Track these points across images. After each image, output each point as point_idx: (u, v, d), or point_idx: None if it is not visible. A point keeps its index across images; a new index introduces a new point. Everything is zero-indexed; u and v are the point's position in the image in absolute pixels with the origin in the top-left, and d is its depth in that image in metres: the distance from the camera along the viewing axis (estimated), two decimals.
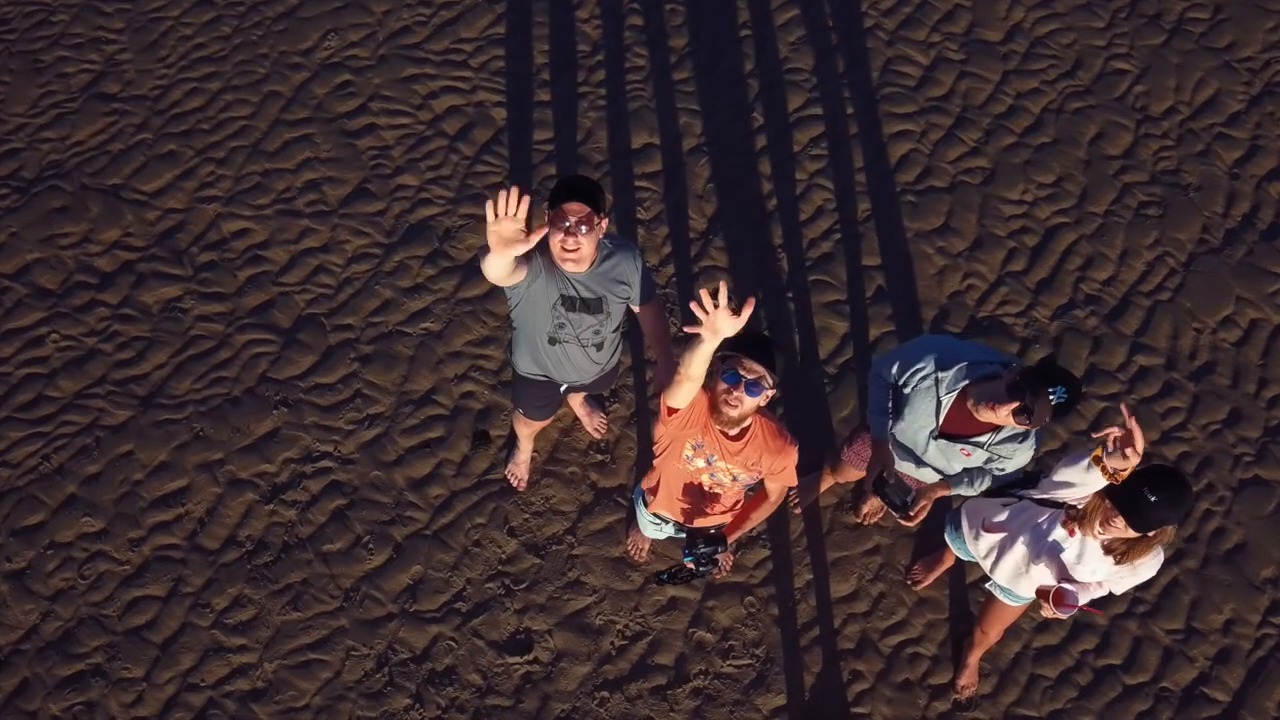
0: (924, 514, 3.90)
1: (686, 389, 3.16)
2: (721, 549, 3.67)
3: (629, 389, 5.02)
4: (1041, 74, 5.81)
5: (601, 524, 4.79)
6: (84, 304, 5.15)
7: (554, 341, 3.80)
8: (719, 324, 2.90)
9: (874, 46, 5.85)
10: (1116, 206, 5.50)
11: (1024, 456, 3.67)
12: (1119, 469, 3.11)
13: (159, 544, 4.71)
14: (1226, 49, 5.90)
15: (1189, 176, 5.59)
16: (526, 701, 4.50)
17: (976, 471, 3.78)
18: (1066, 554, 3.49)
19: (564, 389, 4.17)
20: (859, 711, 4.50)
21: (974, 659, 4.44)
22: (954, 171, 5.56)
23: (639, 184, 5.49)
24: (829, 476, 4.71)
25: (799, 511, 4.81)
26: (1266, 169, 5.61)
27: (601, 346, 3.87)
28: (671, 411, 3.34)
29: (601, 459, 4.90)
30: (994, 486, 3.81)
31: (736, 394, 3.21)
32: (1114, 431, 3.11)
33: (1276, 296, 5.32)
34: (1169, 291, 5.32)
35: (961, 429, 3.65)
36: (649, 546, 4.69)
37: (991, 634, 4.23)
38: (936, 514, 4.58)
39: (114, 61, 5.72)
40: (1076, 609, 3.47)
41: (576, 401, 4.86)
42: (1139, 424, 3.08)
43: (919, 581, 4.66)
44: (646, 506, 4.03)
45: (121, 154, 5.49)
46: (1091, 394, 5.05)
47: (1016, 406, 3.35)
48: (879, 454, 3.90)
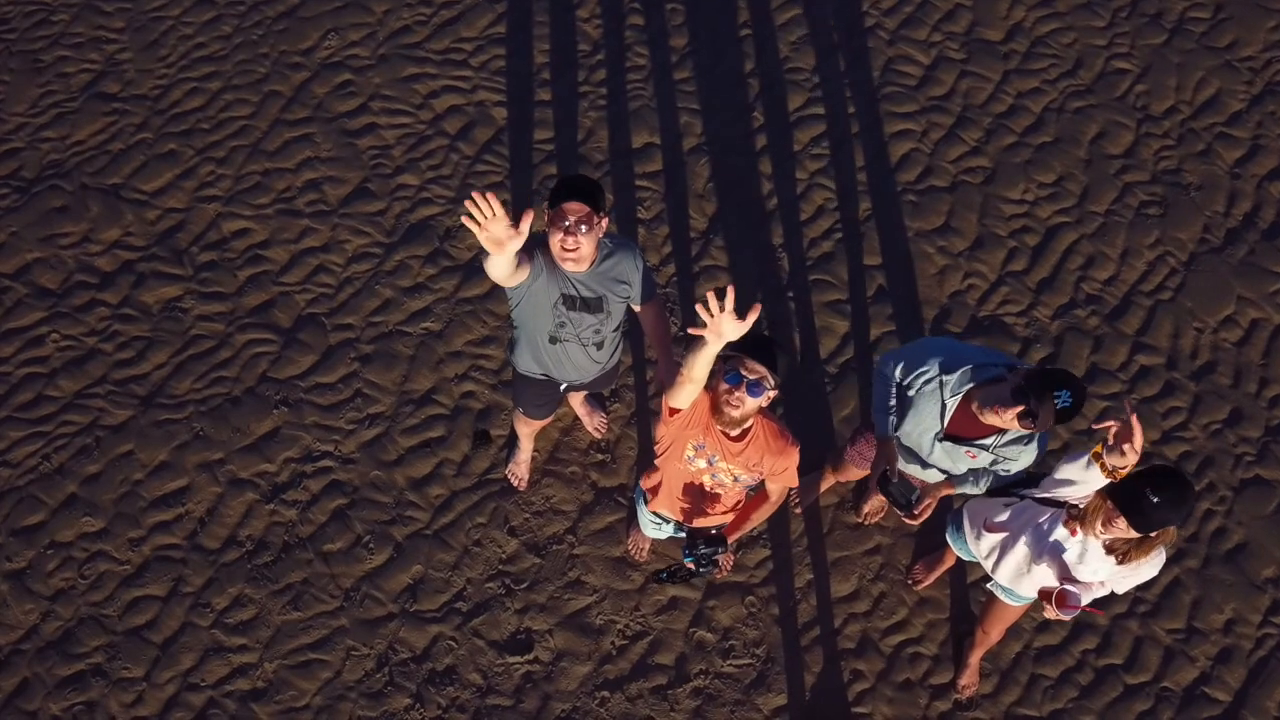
0: (928, 512, 3.90)
1: (688, 390, 3.16)
2: (722, 549, 3.67)
3: (629, 388, 5.02)
4: (1042, 73, 5.80)
5: (602, 523, 4.78)
6: (84, 303, 5.15)
7: (554, 341, 3.80)
8: (723, 327, 2.91)
9: (875, 46, 5.84)
10: (1117, 206, 5.50)
11: (1029, 458, 3.66)
12: (1118, 466, 3.11)
13: (159, 544, 4.71)
14: (1228, 48, 5.90)
15: (1190, 176, 5.58)
16: (527, 701, 4.49)
17: (981, 472, 3.78)
18: (1068, 554, 3.48)
19: (564, 388, 4.16)
20: (860, 711, 4.50)
21: (975, 659, 4.44)
22: (955, 171, 5.55)
23: (639, 183, 5.48)
24: (831, 476, 4.71)
25: (799, 511, 4.81)
26: (1268, 168, 5.60)
27: (602, 346, 3.87)
28: (673, 412, 3.34)
29: (602, 458, 4.90)
30: (997, 486, 3.81)
31: (738, 395, 3.21)
32: (1113, 425, 3.10)
33: (1278, 296, 5.32)
34: (1170, 291, 5.32)
35: (966, 431, 3.64)
36: (649, 546, 4.69)
37: (993, 634, 4.22)
38: (937, 513, 4.57)
39: (114, 61, 5.71)
40: (1079, 610, 3.47)
41: (577, 401, 4.86)
42: (1140, 422, 3.06)
43: (920, 581, 4.66)
44: (647, 506, 4.02)
45: (122, 153, 5.49)
46: (1093, 394, 5.04)
47: (1022, 410, 3.35)
48: (883, 452, 3.90)
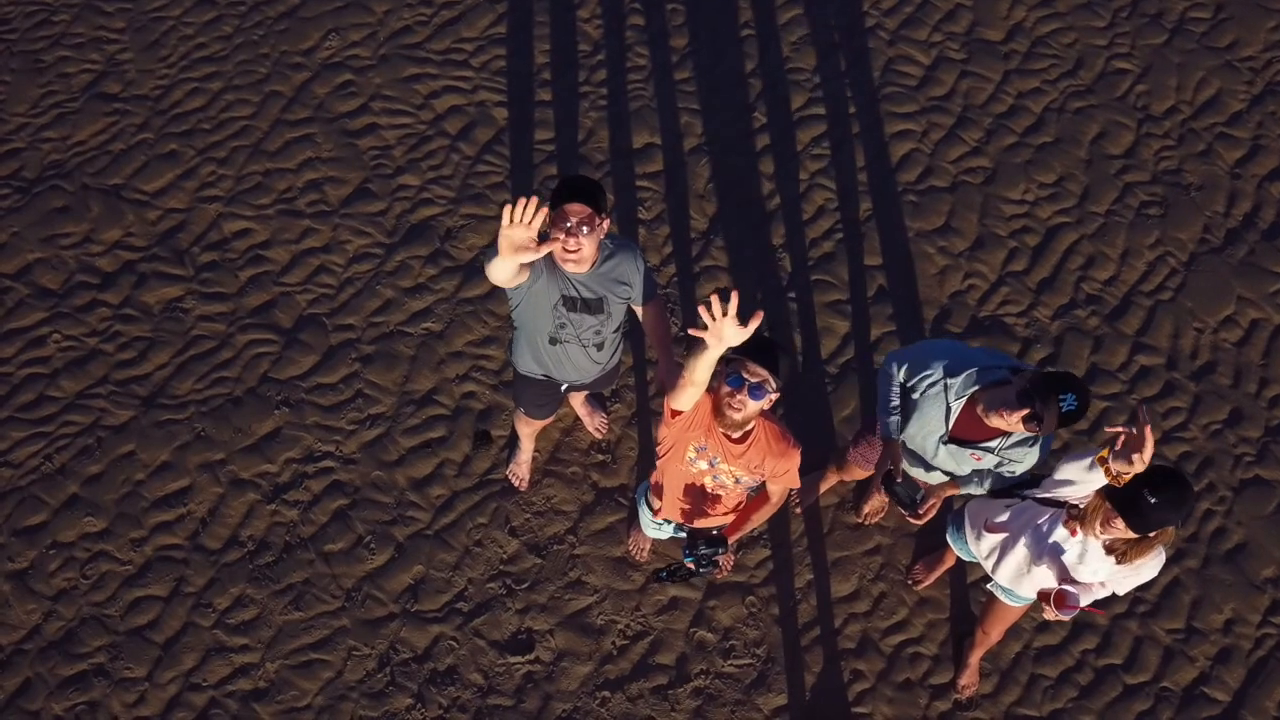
0: (933, 512, 3.91)
1: (690, 393, 3.17)
2: (722, 550, 3.68)
3: (630, 389, 5.03)
4: (1043, 73, 5.80)
5: (603, 524, 4.79)
6: (85, 304, 5.16)
7: (555, 341, 3.80)
8: (725, 332, 2.91)
9: (875, 46, 5.85)
10: (1118, 206, 5.50)
11: (1032, 460, 3.67)
12: (1123, 472, 3.11)
13: (161, 544, 4.72)
14: (1228, 48, 5.90)
15: (1190, 176, 5.59)
16: (528, 701, 4.50)
17: (985, 473, 3.78)
18: (1068, 555, 3.49)
19: (565, 388, 4.17)
20: (860, 711, 4.51)
21: (975, 659, 4.45)
22: (955, 171, 5.56)
23: (640, 184, 5.49)
24: (834, 475, 4.71)
25: (800, 511, 4.82)
26: (1268, 168, 5.61)
27: (602, 346, 3.87)
28: (675, 414, 3.34)
29: (603, 459, 4.91)
30: (1000, 487, 3.81)
31: (740, 397, 3.21)
32: (1124, 432, 3.10)
33: (1278, 296, 5.32)
34: (1170, 291, 5.32)
35: (971, 434, 3.65)
36: (650, 546, 4.69)
37: (993, 634, 4.23)
38: (938, 514, 4.58)
39: (115, 61, 5.71)
40: (1078, 610, 3.47)
41: (578, 401, 4.86)
42: (1153, 432, 3.06)
43: (920, 581, 4.67)
44: (649, 507, 4.03)
45: (123, 154, 5.49)
46: (1093, 394, 5.05)
47: (1027, 413, 3.36)
48: (888, 452, 3.90)
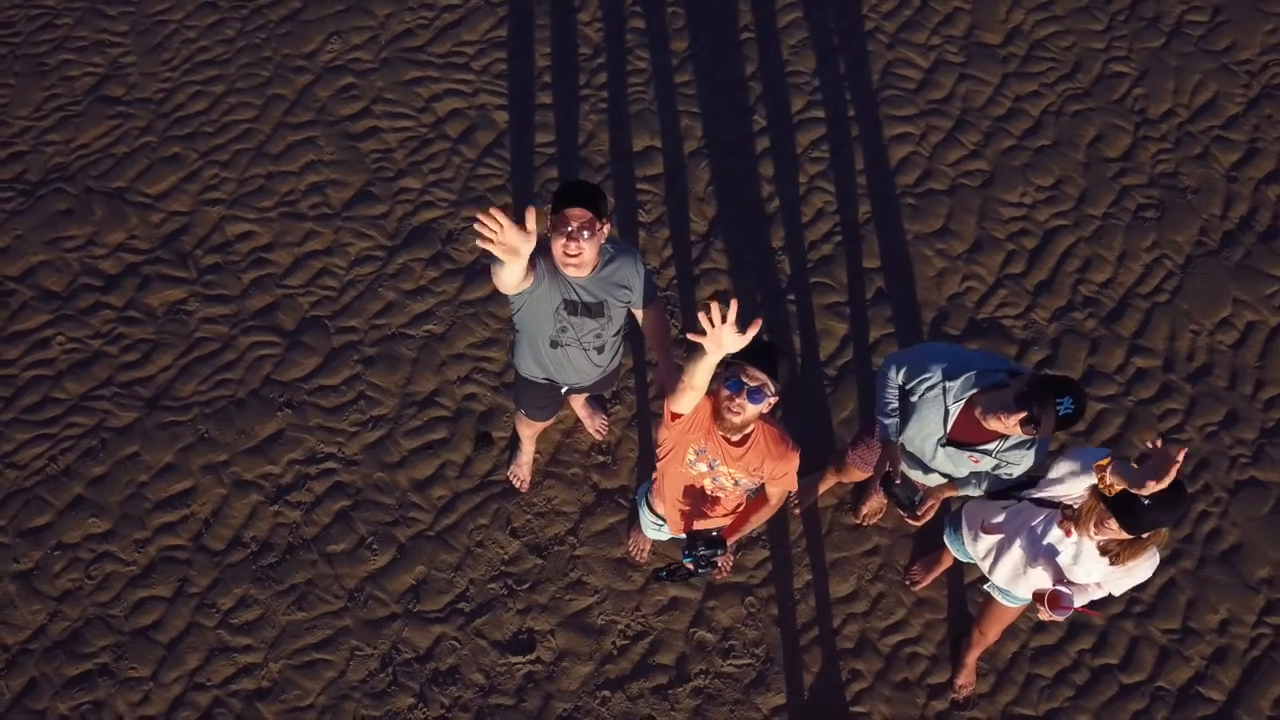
0: (931, 513, 3.95)
1: (689, 397, 3.21)
2: (720, 552, 3.71)
3: (630, 390, 5.06)
4: (1041, 77, 5.84)
5: (603, 525, 4.83)
6: (89, 306, 5.19)
7: (556, 345, 3.84)
8: (723, 339, 2.95)
9: (874, 49, 5.88)
10: (1115, 209, 5.54)
11: (1030, 462, 3.71)
12: (1115, 485, 3.15)
13: (165, 545, 4.75)
14: (1225, 51, 5.93)
15: (1187, 179, 5.62)
16: (529, 700, 4.54)
17: (983, 475, 3.82)
18: (1062, 556, 3.53)
19: (565, 390, 4.20)
20: (858, 710, 4.54)
21: (972, 659, 4.49)
22: (953, 174, 5.59)
23: (640, 186, 5.52)
24: (832, 477, 4.75)
25: (799, 512, 4.85)
26: (1264, 171, 5.64)
27: (603, 350, 3.91)
28: (675, 417, 3.38)
29: (603, 460, 4.94)
30: (997, 489, 3.85)
31: (739, 401, 3.25)
32: (1158, 452, 3.11)
33: (1274, 298, 5.36)
34: (1167, 293, 5.36)
35: (969, 437, 3.68)
36: (650, 547, 4.73)
37: (990, 634, 4.27)
38: (936, 515, 4.62)
39: (118, 65, 5.74)
40: (1072, 611, 3.51)
41: (578, 403, 4.90)
42: (1176, 468, 3.07)
43: (917, 582, 4.71)
44: (650, 508, 4.07)
45: (126, 157, 5.52)
46: (1090, 395, 5.08)
47: (1025, 417, 3.39)
48: (886, 454, 3.94)
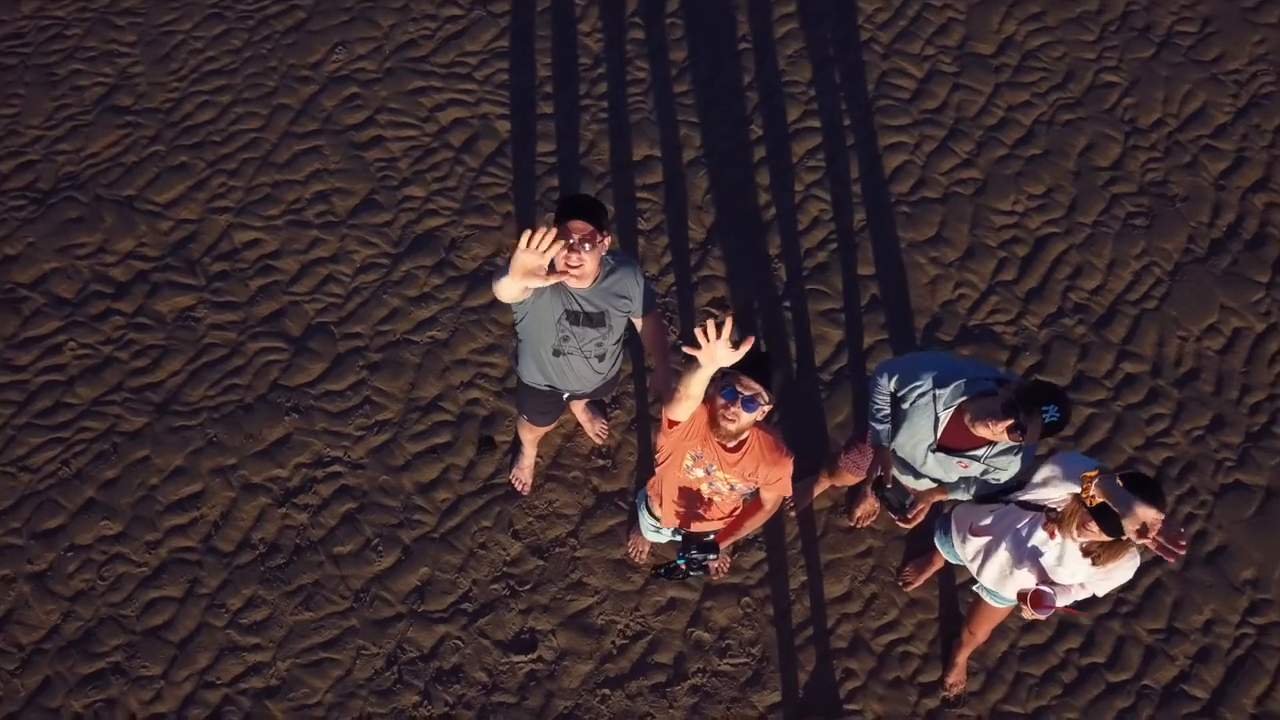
0: (921, 516, 4.06)
1: (686, 405, 3.33)
2: (713, 556, 3.84)
3: (630, 395, 5.17)
4: (1033, 86, 5.94)
5: (603, 527, 4.94)
6: (100, 313, 5.30)
7: (558, 353, 3.95)
8: (717, 354, 3.09)
9: (870, 59, 5.99)
10: (1105, 217, 5.65)
11: (1017, 468, 3.82)
12: (1097, 498, 3.28)
13: (175, 546, 4.87)
14: (1214, 62, 6.04)
15: (1176, 187, 5.73)
16: (531, 698, 4.66)
17: (972, 480, 3.93)
18: (1046, 557, 3.64)
19: (567, 397, 4.32)
20: (851, 708, 4.66)
21: (962, 658, 4.60)
22: (947, 183, 5.70)
23: (640, 195, 5.63)
24: (826, 480, 4.86)
25: (794, 515, 4.97)
26: (1251, 180, 5.75)
27: (603, 357, 4.02)
28: (672, 424, 3.50)
29: (603, 464, 5.05)
30: (986, 494, 3.96)
31: (734, 409, 3.37)
32: (1156, 524, 3.24)
33: (1259, 305, 5.47)
34: (1155, 300, 5.47)
35: (958, 443, 3.80)
36: (649, 549, 4.84)
37: (979, 634, 4.38)
38: (927, 518, 4.73)
39: (127, 75, 5.85)
40: (1054, 609, 3.63)
41: (579, 408, 5.01)
42: (1173, 547, 3.23)
43: (910, 583, 4.82)
44: (649, 511, 4.18)
45: (135, 165, 5.63)
46: (1079, 401, 5.20)
47: (1011, 424, 3.50)
48: (878, 459, 4.05)
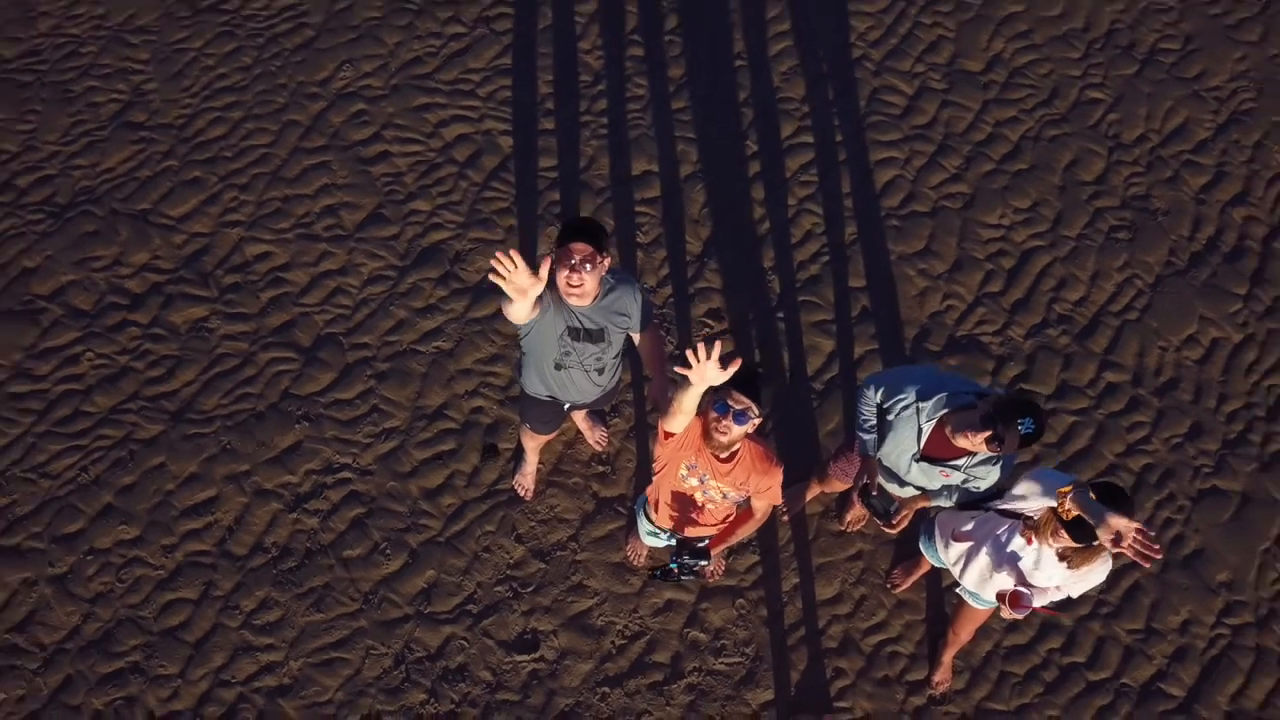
0: (905, 522, 4.25)
1: (680, 419, 3.52)
2: (704, 561, 4.05)
3: (629, 404, 5.36)
4: (1020, 103, 6.12)
5: (603, 531, 5.12)
6: (116, 324, 5.48)
7: (560, 367, 4.13)
8: (707, 374, 3.29)
9: (861, 76, 6.17)
10: (1089, 230, 5.83)
11: (996, 477, 4.01)
12: (1072, 511, 3.47)
13: (190, 550, 5.05)
14: (1196, 79, 6.22)
15: (1158, 201, 5.91)
16: (533, 697, 4.84)
17: (953, 488, 4.12)
18: (1024, 561, 3.83)
19: (568, 407, 4.50)
20: (841, 705, 4.84)
21: (948, 657, 4.78)
22: (936, 197, 5.88)
23: (638, 209, 5.81)
24: (816, 487, 5.05)
25: (787, 519, 5.15)
26: (1231, 194, 5.93)
27: (603, 371, 4.21)
28: (668, 436, 3.69)
29: (603, 470, 5.24)
30: (967, 501, 4.15)
31: (725, 422, 3.56)
32: (1130, 532, 3.39)
33: (1237, 316, 5.65)
34: (1137, 311, 5.65)
35: (940, 452, 3.99)
36: (646, 553, 5.03)
37: (963, 634, 4.57)
38: (913, 523, 4.91)
39: (140, 91, 6.03)
40: (1030, 610, 3.82)
41: (579, 416, 5.19)
42: (1146, 551, 3.36)
43: (898, 585, 5.00)
44: (646, 517, 4.37)
45: (149, 180, 5.81)
46: (1062, 409, 5.38)
47: (989, 435, 3.70)
48: (865, 467, 4.24)
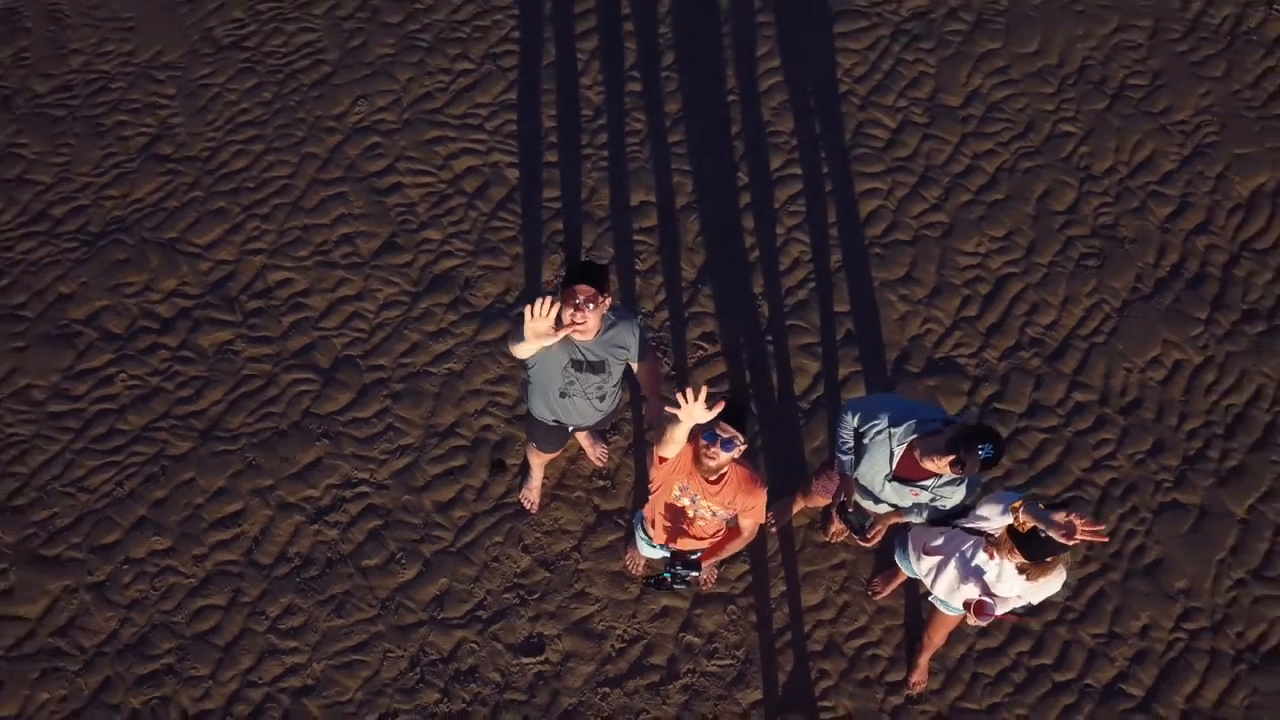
0: (879, 536, 4.63)
1: (672, 447, 3.91)
2: (695, 573, 4.42)
3: (629, 422, 5.72)
4: (996, 136, 6.48)
5: (604, 542, 5.49)
6: (147, 347, 5.84)
7: (564, 395, 4.50)
8: (694, 414, 3.68)
9: (847, 110, 6.53)
10: (1060, 258, 6.18)
11: (960, 495, 4.38)
12: (1026, 523, 3.83)
13: (219, 560, 5.41)
14: (1162, 113, 6.57)
15: (1125, 230, 6.26)
16: (539, 696, 5.21)
17: (923, 506, 4.49)
18: (988, 574, 4.20)
19: (571, 430, 4.87)
20: (825, 705, 5.21)
21: (924, 660, 5.14)
22: (916, 226, 6.24)
23: (637, 237, 6.17)
24: (801, 501, 5.41)
25: (775, 530, 5.51)
26: (1194, 223, 6.28)
27: (604, 398, 4.57)
28: (662, 460, 4.07)
29: (604, 485, 5.60)
30: (936, 517, 4.52)
31: (713, 449, 3.94)
32: (1073, 521, 3.74)
33: (1198, 339, 6.01)
34: (1104, 335, 6.00)
35: (910, 473, 4.36)
36: (644, 563, 5.39)
37: (936, 639, 4.93)
38: (886, 537, 5.27)
39: (167, 125, 6.39)
40: (993, 618, 4.18)
41: (582, 434, 5.55)
42: (1094, 532, 3.69)
43: (878, 593, 5.37)
44: (643, 530, 4.73)
45: (177, 210, 6.17)
46: (1032, 427, 5.74)
47: (953, 459, 4.06)
48: (843, 485, 4.61)
